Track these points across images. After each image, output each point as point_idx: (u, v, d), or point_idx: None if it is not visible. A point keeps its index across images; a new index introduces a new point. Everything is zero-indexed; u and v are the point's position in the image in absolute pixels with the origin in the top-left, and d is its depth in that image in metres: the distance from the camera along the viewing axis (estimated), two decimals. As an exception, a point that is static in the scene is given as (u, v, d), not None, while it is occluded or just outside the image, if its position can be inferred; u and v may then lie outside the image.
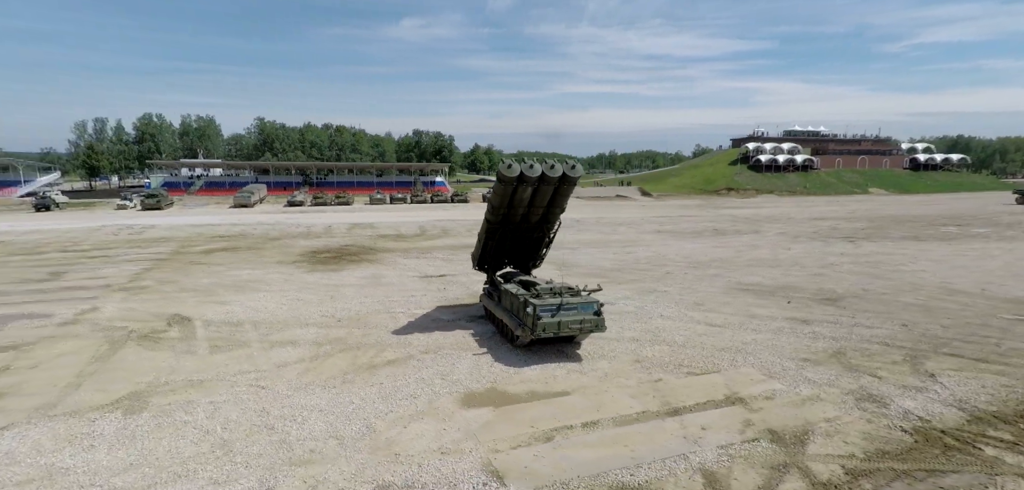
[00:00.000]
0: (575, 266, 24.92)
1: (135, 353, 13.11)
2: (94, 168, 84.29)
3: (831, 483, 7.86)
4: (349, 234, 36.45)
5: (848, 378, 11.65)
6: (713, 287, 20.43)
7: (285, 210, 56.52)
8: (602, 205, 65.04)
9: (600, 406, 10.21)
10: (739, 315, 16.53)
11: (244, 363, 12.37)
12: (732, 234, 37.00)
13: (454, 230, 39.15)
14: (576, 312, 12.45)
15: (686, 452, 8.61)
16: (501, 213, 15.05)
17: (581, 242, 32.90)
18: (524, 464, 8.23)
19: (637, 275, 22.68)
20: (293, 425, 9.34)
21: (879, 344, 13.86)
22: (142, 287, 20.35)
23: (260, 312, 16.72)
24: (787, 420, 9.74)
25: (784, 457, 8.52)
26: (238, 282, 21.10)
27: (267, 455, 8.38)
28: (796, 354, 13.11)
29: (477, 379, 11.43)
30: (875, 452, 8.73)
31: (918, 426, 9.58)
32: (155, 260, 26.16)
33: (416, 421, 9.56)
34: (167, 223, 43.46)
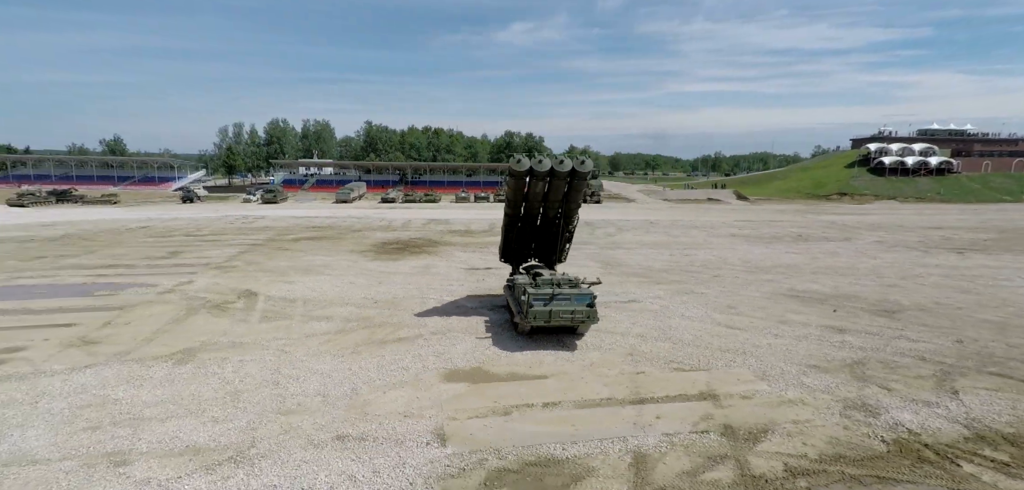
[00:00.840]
0: (623, 266, 24.87)
1: (203, 319, 15.58)
2: (231, 166, 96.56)
3: (763, 477, 7.82)
4: (424, 228, 38.85)
5: (851, 387, 11.04)
6: (757, 292, 19.58)
7: (378, 206, 61.02)
8: (686, 208, 62.75)
9: (569, 390, 10.69)
10: (769, 320, 15.88)
11: (281, 332, 14.29)
12: (818, 240, 34.42)
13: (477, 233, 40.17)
14: (569, 303, 12.92)
15: (628, 436, 8.90)
16: (517, 207, 15.80)
17: (643, 243, 32.46)
18: (470, 431, 9.02)
19: (684, 276, 22.23)
20: (293, 383, 10.87)
21: (913, 358, 12.79)
22: (232, 267, 23.61)
23: (314, 292, 18.87)
24: (751, 419, 9.60)
25: (726, 450, 8.53)
26: (308, 266, 23.74)
27: (263, 404, 9.93)
28: (806, 360, 12.54)
29: (468, 359, 12.34)
30: (832, 455, 8.44)
31: (901, 437, 9.03)
32: (252, 245, 29.97)
33: (396, 389, 10.68)
34: (275, 215, 48.94)
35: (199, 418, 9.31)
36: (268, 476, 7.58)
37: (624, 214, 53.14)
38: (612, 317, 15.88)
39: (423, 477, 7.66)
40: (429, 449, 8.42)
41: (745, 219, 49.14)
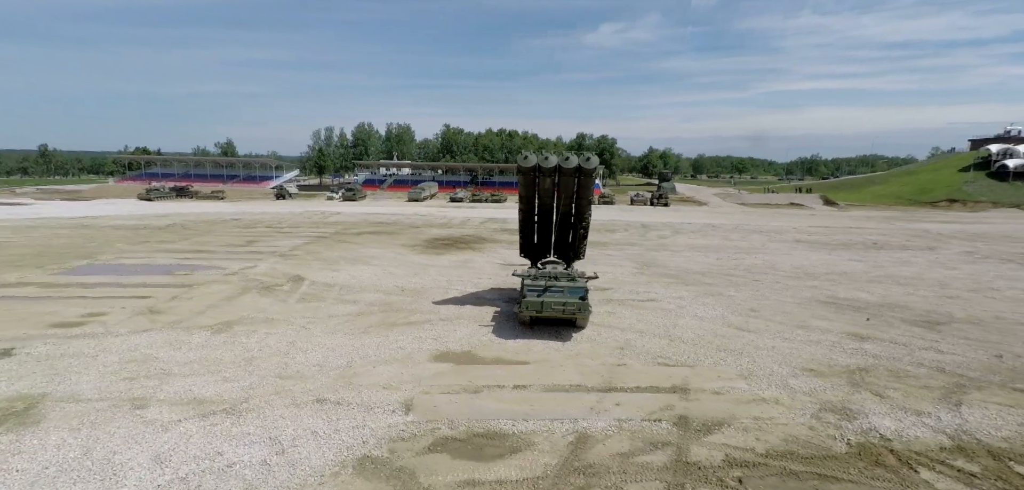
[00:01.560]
0: (660, 267, 24.58)
1: (251, 297, 17.56)
2: (322, 167, 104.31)
3: (698, 464, 7.96)
4: (479, 226, 40.16)
5: (839, 392, 10.64)
6: (791, 297, 18.78)
7: (445, 205, 63.46)
8: (760, 213, 59.63)
9: (543, 376, 11.18)
10: (786, 325, 15.33)
11: (309, 312, 15.86)
12: (894, 249, 31.80)
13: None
14: (561, 295, 13.35)
15: (580, 418, 9.29)
16: (530, 203, 16.38)
17: (694, 246, 31.65)
18: (436, 404, 9.81)
19: (719, 279, 21.68)
20: (300, 355, 12.21)
21: (931, 369, 11.98)
22: (294, 255, 26.01)
23: (353, 279, 20.51)
24: (712, 412, 9.63)
25: (672, 438, 8.70)
26: (359, 257, 25.64)
27: (268, 369, 11.31)
28: (804, 364, 12.14)
29: (462, 343, 13.14)
30: (781, 452, 8.37)
31: (868, 442, 8.73)
32: (318, 237, 32.66)
33: (386, 365, 11.70)
34: (350, 211, 52.48)
35: (213, 377, 10.82)
36: (247, 426, 8.80)
37: (687, 217, 51.60)
38: (622, 314, 16.04)
39: (376, 437, 8.55)
40: (392, 416, 9.30)
41: (822, 225, 46.08)
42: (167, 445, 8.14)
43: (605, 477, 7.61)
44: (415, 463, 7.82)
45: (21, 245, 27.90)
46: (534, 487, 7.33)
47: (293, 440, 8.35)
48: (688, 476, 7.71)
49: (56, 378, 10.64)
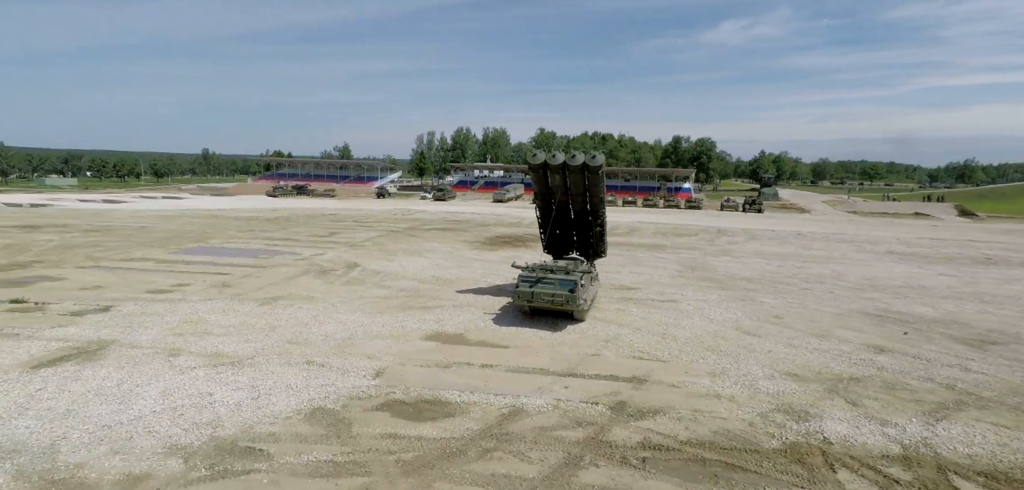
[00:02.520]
0: (706, 271, 23.88)
1: (306, 279, 19.97)
2: (422, 169, 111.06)
3: (611, 442, 8.38)
4: (548, 227, 40.91)
5: (808, 396, 10.29)
6: (832, 307, 17.64)
7: (526, 206, 64.80)
8: (868, 222, 54.09)
9: (514, 359, 11.93)
10: (804, 333, 14.64)
11: (346, 293, 17.80)
12: (1007, 266, 27.88)
13: (642, 230, 39.71)
14: (551, 287, 13.95)
15: (522, 395, 9.97)
16: (545, 199, 17.06)
17: (761, 253, 30.05)
18: (402, 374, 10.98)
19: (764, 286, 20.75)
20: (316, 326, 13.99)
21: (938, 384, 11.07)
22: (362, 245, 28.67)
23: (400, 269, 22.39)
24: (654, 401, 9.85)
25: (600, 419, 9.12)
26: (417, 249, 27.66)
27: (283, 335, 13.17)
28: (790, 369, 11.74)
29: (458, 327, 14.21)
30: (701, 441, 8.50)
31: (805, 442, 8.54)
32: (391, 231, 35.43)
33: (381, 340, 13.10)
34: (434, 210, 55.67)
35: (237, 338, 12.87)
36: (241, 376, 10.56)
37: (775, 224, 48.42)
38: (632, 312, 16.19)
39: (337, 395, 9.89)
40: (361, 380, 10.61)
41: (935, 237, 41.10)
42: (176, 384, 10.09)
43: (515, 443, 8.29)
44: (357, 417, 9.04)
45: (161, 230, 33.43)
46: (446, 444, 8.22)
47: (269, 390, 9.94)
48: (593, 450, 8.15)
49: (128, 330, 13.28)
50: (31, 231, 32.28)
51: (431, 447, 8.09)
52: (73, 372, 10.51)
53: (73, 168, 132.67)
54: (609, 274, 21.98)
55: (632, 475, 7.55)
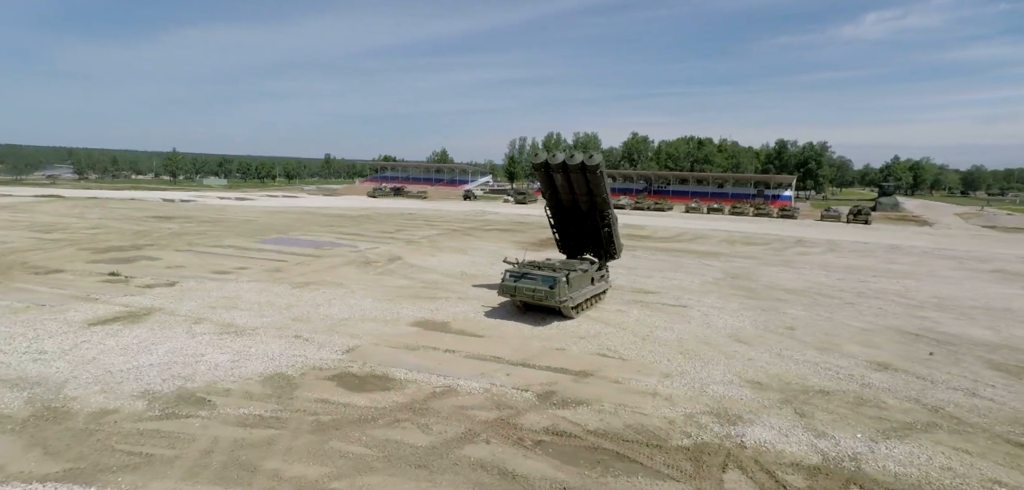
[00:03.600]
0: (744, 279, 22.65)
1: (346, 268, 21.92)
2: (512, 173, 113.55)
3: (517, 425, 8.79)
4: (610, 231, 40.41)
5: (756, 403, 9.89)
6: (863, 323, 16.20)
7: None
8: (1004, 238, 47.00)
9: (480, 348, 12.54)
10: (806, 345, 13.74)
11: (371, 281, 19.36)
12: None
13: (708, 238, 37.91)
14: (532, 282, 14.34)
15: (462, 378, 10.60)
16: (552, 199, 17.39)
17: (825, 264, 27.70)
18: (368, 352, 12.04)
19: (798, 297, 19.42)
20: (326, 307, 15.54)
21: (921, 406, 10.10)
22: (417, 241, 30.53)
23: (436, 263, 23.70)
24: (584, 394, 10.06)
25: (519, 404, 9.54)
26: (464, 247, 28.94)
27: (293, 314, 14.83)
28: (756, 377, 11.25)
29: (448, 316, 15.07)
30: (610, 433, 8.65)
31: (715, 443, 8.38)
32: (452, 230, 37.14)
33: (373, 323, 14.30)
34: (507, 212, 57.01)
35: (255, 314, 14.73)
36: (235, 343, 12.21)
37: (875, 236, 43.93)
38: (630, 313, 16.10)
39: (302, 364, 11.14)
40: (331, 354, 11.81)
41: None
42: (182, 345, 11.95)
43: (426, 417, 8.98)
44: (306, 383, 10.20)
45: (260, 223, 37.90)
46: (365, 412, 9.10)
47: (250, 356, 11.45)
48: (494, 430, 8.61)
49: (177, 301, 15.70)
50: (164, 221, 38.03)
51: (350, 413, 9.01)
52: (114, 331, 12.80)
53: (226, 171, 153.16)
54: (638, 278, 21.69)
55: (514, 453, 7.93)
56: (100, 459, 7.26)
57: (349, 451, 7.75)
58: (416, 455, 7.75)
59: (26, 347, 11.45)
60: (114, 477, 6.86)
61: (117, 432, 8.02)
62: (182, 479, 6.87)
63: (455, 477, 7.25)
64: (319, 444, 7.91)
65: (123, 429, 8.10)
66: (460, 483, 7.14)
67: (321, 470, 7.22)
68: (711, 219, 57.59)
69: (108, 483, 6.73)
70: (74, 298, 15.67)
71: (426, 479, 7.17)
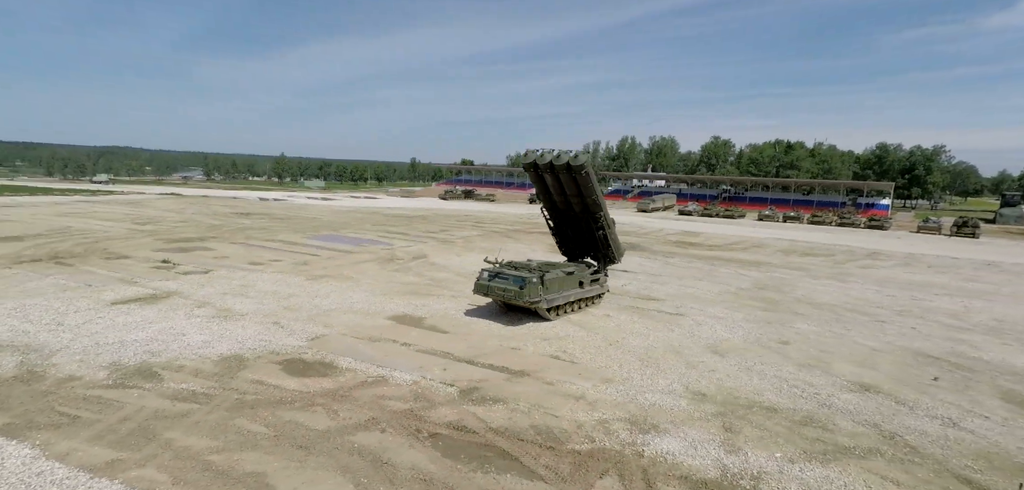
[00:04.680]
0: (774, 291, 21.08)
1: (367, 264, 22.98)
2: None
3: (421, 417, 8.97)
4: (654, 237, 39.07)
5: (685, 414, 9.39)
6: (878, 342, 14.64)
7: (669, 217, 61.67)
8: None
9: (437, 343, 12.80)
10: (789, 361, 12.70)
11: (384, 277, 20.19)
12: None
13: (766, 247, 35.44)
14: (504, 282, 14.35)
15: (397, 369, 10.91)
16: (546, 199, 17.25)
17: (886, 280, 25.06)
18: (332, 342, 12.66)
19: (823, 314, 17.85)
20: (320, 299, 16.46)
21: (872, 431, 9.10)
22: (453, 241, 31.29)
23: (456, 263, 24.22)
24: (506, 392, 10.03)
25: (440, 397, 9.69)
26: (496, 248, 29.25)
27: (289, 302, 15.86)
28: (705, 390, 10.61)
29: (426, 312, 15.45)
30: (511, 432, 8.60)
31: (621, 450, 8.10)
32: (493, 231, 37.60)
33: (352, 315, 14.98)
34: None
35: (254, 301, 15.93)
36: (218, 326, 13.31)
37: (975, 252, 39.08)
38: (618, 319, 15.65)
39: (264, 347, 11.95)
40: (296, 340, 12.55)
41: None
42: (173, 325, 13.23)
43: (340, 403, 9.37)
44: (255, 365, 10.96)
45: (322, 220, 40.64)
46: (287, 394, 9.65)
47: (222, 337, 12.47)
48: (397, 419, 8.82)
49: (198, 287, 17.34)
50: (243, 217, 41.86)
51: (274, 395, 9.61)
52: (129, 310, 14.43)
53: (325, 173, 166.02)
54: (652, 285, 20.96)
55: (401, 444, 8.11)
56: (36, 418, 8.33)
57: (247, 429, 8.30)
58: (305, 437, 8.15)
59: (50, 319, 13.24)
60: (35, 434, 7.86)
61: (67, 396, 9.14)
62: (86, 440, 7.73)
63: (327, 460, 7.56)
64: (225, 421, 8.54)
65: (73, 394, 9.21)
66: (328, 465, 7.44)
67: (209, 443, 7.81)
68: (782, 228, 53.79)
69: (27, 438, 7.72)
70: (119, 280, 17.78)
71: (298, 459, 7.54)
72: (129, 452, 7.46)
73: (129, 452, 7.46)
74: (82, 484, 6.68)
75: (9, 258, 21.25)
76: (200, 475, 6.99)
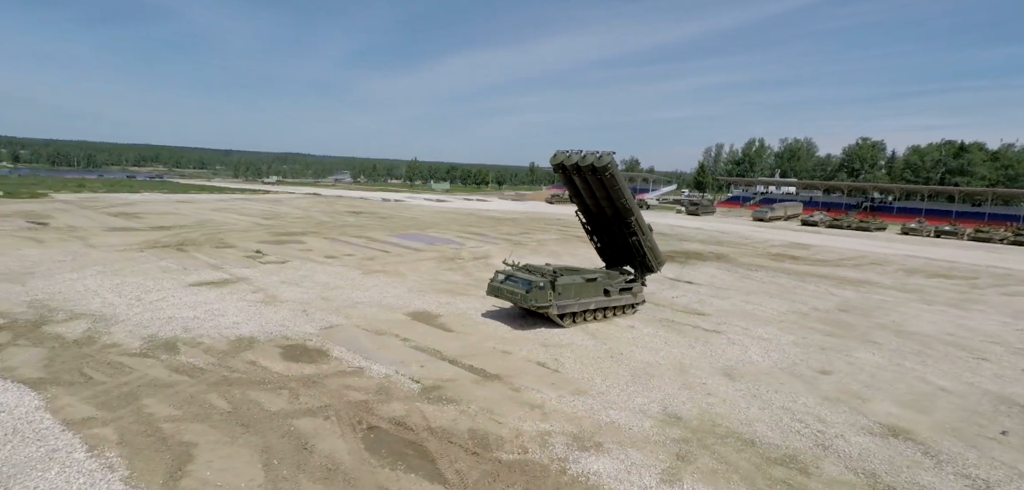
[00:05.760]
0: (865, 317, 18.25)
1: (427, 262, 23.91)
2: (701, 183, 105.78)
3: (373, 411, 9.26)
4: (767, 250, 35.62)
5: (643, 436, 8.66)
6: (956, 382, 12.07)
7: (786, 227, 55.64)
8: None
9: (435, 341, 13.02)
10: (818, 394, 11.00)
11: (431, 272, 20.92)
12: None
13: (888, 263, 30.60)
14: (513, 284, 14.13)
15: (382, 362, 11.30)
16: (580, 203, 16.67)
17: (1018, 311, 20.47)
18: (339, 332, 13.44)
19: (909, 344, 15.18)
20: (359, 292, 17.48)
21: (859, 484, 7.54)
22: (527, 244, 31.41)
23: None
24: (464, 395, 10.00)
25: (400, 392, 9.93)
26: (566, 252, 28.85)
27: (330, 292, 17.08)
28: (677, 413, 9.61)
29: (445, 310, 15.74)
30: (445, 433, 8.58)
31: (545, 465, 7.75)
32: (574, 236, 36.92)
33: (376, 308, 15.71)
34: (670, 223, 53.84)
35: (302, 289, 17.38)
36: (260, 309, 14.74)
37: None
38: (636, 329, 14.74)
39: (278, 332, 13.01)
40: (308, 328, 13.48)
41: None
42: (221, 305, 14.92)
43: (310, 388, 9.94)
44: (259, 347, 11.99)
45: (421, 220, 43.21)
46: (269, 375, 10.46)
47: (251, 319, 13.81)
48: (347, 410, 9.16)
49: (266, 275, 19.35)
50: (354, 215, 45.95)
51: (257, 375, 10.47)
52: (198, 292, 16.56)
53: (451, 177, 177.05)
54: (708, 299, 19.34)
55: (333, 432, 8.43)
56: (63, 375, 9.95)
57: (210, 403, 9.16)
58: (255, 416, 8.80)
59: (135, 295, 15.65)
60: (51, 389, 9.38)
61: (99, 359, 10.78)
62: (82, 399, 9.06)
63: (257, 439, 8.10)
64: (199, 394, 9.49)
65: (104, 358, 10.84)
66: (254, 444, 7.97)
67: (170, 412, 8.76)
68: (927, 243, 46.12)
69: (44, 391, 9.26)
70: (209, 266, 20.48)
71: (233, 435, 8.17)
72: (105, 412, 8.62)
73: (105, 412, 8.62)
74: (53, 435, 7.87)
75: (147, 243, 25.42)
76: (143, 438, 7.88)
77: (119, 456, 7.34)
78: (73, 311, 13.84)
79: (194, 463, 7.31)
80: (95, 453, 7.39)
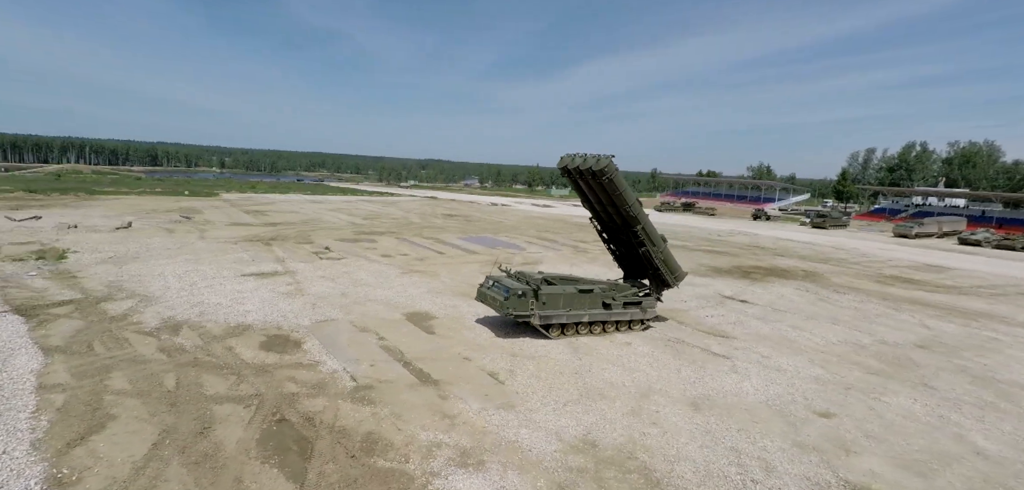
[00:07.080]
0: (949, 357, 14.96)
1: (471, 265, 24.16)
2: (841, 192, 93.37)
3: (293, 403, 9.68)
4: (880, 271, 30.71)
5: (541, 460, 7.99)
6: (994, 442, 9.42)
7: (934, 246, 46.92)
8: None
9: (414, 343, 13.15)
10: (795, 443, 9.28)
11: (471, 275, 21.14)
12: None
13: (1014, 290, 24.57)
14: (496, 290, 13.73)
15: (356, 360, 11.67)
16: (591, 210, 15.78)
17: None
18: (334, 326, 14.12)
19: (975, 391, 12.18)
20: (382, 289, 18.17)
21: None
22: (585, 251, 30.38)
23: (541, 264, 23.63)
24: (389, 397, 9.97)
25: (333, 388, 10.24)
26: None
27: (358, 287, 18.03)
28: (595, 440, 8.66)
29: (443, 312, 15.79)
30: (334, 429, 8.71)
31: (401, 471, 7.61)
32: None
33: (383, 306, 16.22)
34: (775, 235, 48.52)
35: (335, 283, 18.53)
36: (282, 301, 16.03)
37: None
38: (632, 348, 13.59)
39: (278, 321, 14.01)
40: (304, 320, 14.33)
41: None
42: (253, 293, 16.45)
43: (263, 375, 10.62)
44: (248, 335, 13.00)
45: (504, 224, 44.02)
46: (242, 363, 11.32)
47: (262, 308, 15.04)
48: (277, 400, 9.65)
49: (316, 270, 20.96)
50: (448, 217, 48.10)
51: (225, 359, 11.39)
52: (244, 282, 18.43)
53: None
54: (753, 321, 17.27)
55: (247, 419, 8.94)
56: (76, 345, 11.64)
57: (161, 380, 10.16)
58: (187, 396, 9.58)
59: (193, 281, 17.85)
60: (59, 355, 11.01)
61: (116, 335, 12.46)
62: (72, 368, 10.51)
63: (170, 417, 8.80)
64: (160, 372, 10.55)
65: (121, 334, 12.51)
66: (164, 417, 8.72)
67: (123, 385, 9.85)
68: None
69: (52, 357, 10.92)
70: (272, 259, 22.72)
71: (154, 410, 8.98)
72: (79, 381, 9.95)
73: (79, 381, 9.95)
74: (21, 396, 9.25)
75: (247, 237, 28.86)
76: (80, 408, 8.93)
77: (49, 421, 8.44)
78: (132, 291, 16.17)
79: (100, 435, 8.17)
80: (34, 415, 8.57)
